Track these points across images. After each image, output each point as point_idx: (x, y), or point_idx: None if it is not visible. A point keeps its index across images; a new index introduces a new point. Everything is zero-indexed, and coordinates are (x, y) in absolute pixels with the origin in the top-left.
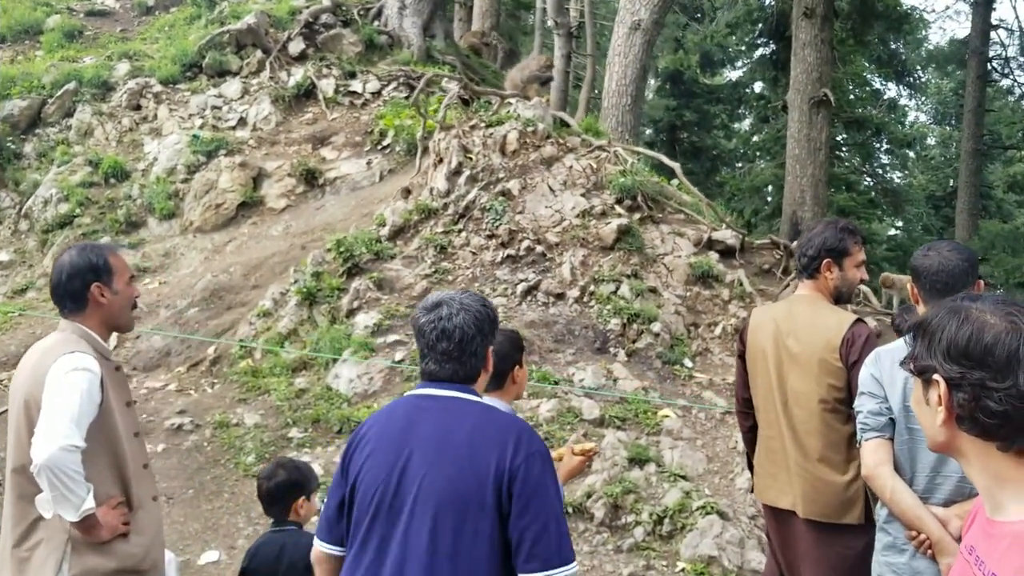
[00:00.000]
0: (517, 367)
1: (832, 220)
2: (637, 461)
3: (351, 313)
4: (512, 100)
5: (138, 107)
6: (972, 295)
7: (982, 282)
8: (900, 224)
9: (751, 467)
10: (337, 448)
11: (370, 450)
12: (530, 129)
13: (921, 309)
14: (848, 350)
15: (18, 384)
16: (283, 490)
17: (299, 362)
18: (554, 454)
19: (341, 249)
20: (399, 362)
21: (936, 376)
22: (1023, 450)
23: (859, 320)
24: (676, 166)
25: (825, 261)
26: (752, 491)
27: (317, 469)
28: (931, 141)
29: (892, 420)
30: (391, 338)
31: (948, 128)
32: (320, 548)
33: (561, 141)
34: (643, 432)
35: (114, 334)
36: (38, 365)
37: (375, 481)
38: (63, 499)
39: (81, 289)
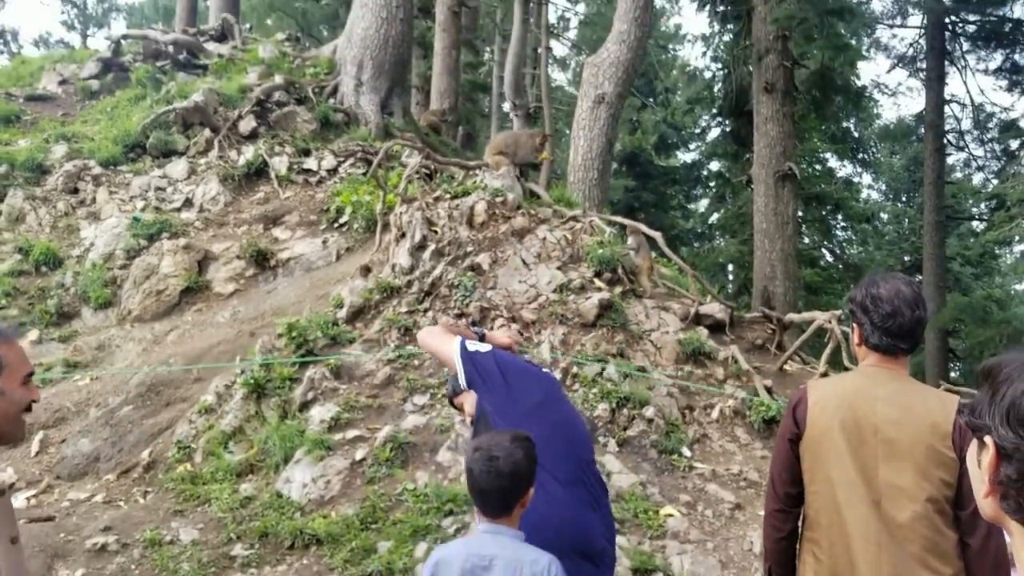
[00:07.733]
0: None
1: (904, 278)
2: (642, 572)
3: (305, 406)
4: (478, 171)
5: (75, 190)
6: None
7: None
8: None
9: None
10: (289, 567)
11: None
12: (499, 200)
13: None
14: (962, 438)
15: None
16: None
17: (245, 465)
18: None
19: (293, 334)
20: (360, 461)
21: (988, 438)
22: None
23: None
24: (657, 235)
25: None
26: None
27: None
28: (884, 217)
29: None
30: (351, 433)
31: (900, 204)
32: None
33: (532, 212)
34: (645, 536)
35: (37, 435)
36: None
37: None
38: None
39: None
